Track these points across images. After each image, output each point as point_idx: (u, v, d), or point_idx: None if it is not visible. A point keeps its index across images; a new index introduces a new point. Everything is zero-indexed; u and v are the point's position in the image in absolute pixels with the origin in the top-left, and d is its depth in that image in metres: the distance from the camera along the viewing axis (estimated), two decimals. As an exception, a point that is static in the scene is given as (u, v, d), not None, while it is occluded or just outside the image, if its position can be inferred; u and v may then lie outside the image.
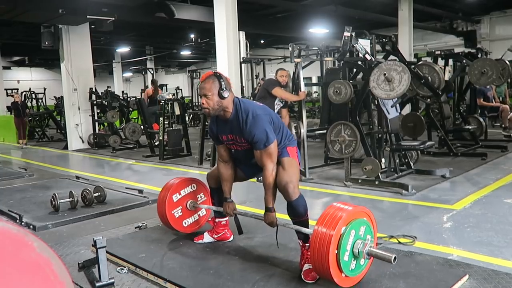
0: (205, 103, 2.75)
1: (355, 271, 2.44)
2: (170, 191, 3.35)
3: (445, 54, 7.85)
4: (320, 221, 2.39)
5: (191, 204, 3.45)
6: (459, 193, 4.77)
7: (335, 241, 2.30)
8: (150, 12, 9.35)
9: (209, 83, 2.74)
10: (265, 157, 2.73)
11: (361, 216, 2.48)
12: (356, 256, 2.41)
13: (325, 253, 2.29)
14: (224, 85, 2.73)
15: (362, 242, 2.40)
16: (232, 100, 2.80)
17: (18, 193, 5.46)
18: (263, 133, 2.70)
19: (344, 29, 5.20)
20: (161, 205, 3.39)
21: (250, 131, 2.72)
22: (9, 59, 20.61)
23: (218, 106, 2.75)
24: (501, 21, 14.86)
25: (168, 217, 3.37)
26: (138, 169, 7.81)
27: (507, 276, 2.64)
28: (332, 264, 2.31)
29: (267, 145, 2.70)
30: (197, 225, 3.58)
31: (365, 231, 2.45)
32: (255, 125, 2.71)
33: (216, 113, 2.81)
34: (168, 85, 19.58)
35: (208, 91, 2.72)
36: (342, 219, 2.33)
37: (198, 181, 3.55)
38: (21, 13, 8.76)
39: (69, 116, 10.70)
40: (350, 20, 11.88)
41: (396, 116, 5.79)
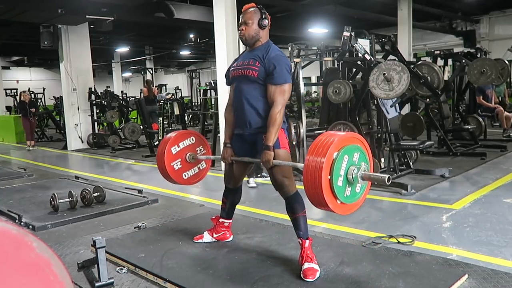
0: (244, 30, 2.84)
1: (350, 198, 2.35)
2: (168, 144, 3.28)
3: (444, 54, 7.86)
4: (312, 149, 2.30)
5: (190, 157, 3.37)
6: (458, 193, 4.78)
7: (327, 166, 2.21)
8: (150, 12, 9.34)
9: (251, 12, 2.84)
10: (278, 93, 2.73)
11: (354, 142, 2.38)
12: (351, 182, 2.32)
13: (318, 179, 2.21)
14: (264, 16, 2.84)
15: (356, 168, 2.31)
16: (268, 36, 2.90)
17: (18, 193, 5.46)
18: (285, 70, 2.75)
19: (344, 29, 5.21)
20: (160, 158, 3.31)
21: (272, 63, 2.75)
22: (8, 59, 20.60)
23: (256, 34, 2.83)
24: (501, 21, 14.87)
25: (168, 169, 3.30)
26: (138, 169, 7.80)
27: (506, 276, 2.64)
28: (326, 190, 2.22)
29: (285, 81, 2.73)
30: (197, 177, 3.50)
31: (359, 158, 2.36)
32: (280, 60, 2.75)
33: (251, 42, 2.87)
34: (168, 85, 19.58)
35: (249, 18, 2.82)
36: (333, 144, 2.25)
37: (197, 134, 3.51)
38: (20, 13, 8.75)
39: (69, 116, 10.70)
40: (349, 20, 11.87)
41: (396, 116, 5.79)
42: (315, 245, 2.94)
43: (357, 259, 2.95)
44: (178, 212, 4.42)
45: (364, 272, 2.74)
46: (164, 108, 8.73)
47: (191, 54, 20.89)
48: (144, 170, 7.67)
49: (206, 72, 24.38)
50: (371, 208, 4.42)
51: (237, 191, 3.25)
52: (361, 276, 2.68)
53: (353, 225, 3.78)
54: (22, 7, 8.32)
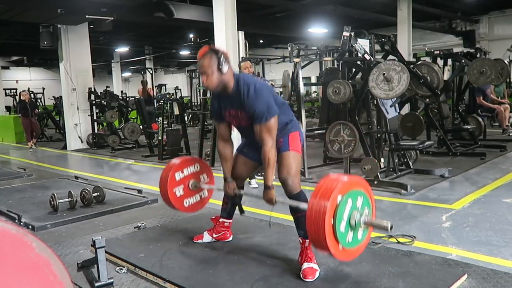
0: (206, 80, 2.68)
1: (352, 244, 2.35)
2: (173, 169, 3.27)
3: (444, 54, 7.86)
4: (315, 192, 2.30)
5: (193, 184, 3.35)
6: (458, 193, 4.78)
7: (331, 210, 2.22)
8: (149, 12, 9.34)
9: (207, 60, 2.65)
10: (265, 132, 2.66)
11: (358, 187, 2.39)
12: (353, 228, 2.32)
13: (321, 223, 2.21)
14: (222, 60, 2.65)
15: (359, 213, 2.32)
16: (232, 74, 2.74)
17: (17, 193, 5.46)
18: (264, 106, 2.64)
19: (343, 29, 5.20)
20: (163, 182, 3.30)
21: (251, 104, 2.66)
22: (7, 59, 20.58)
23: (219, 81, 2.68)
24: (500, 21, 14.88)
25: (170, 195, 3.28)
26: (137, 169, 7.80)
27: (506, 276, 2.65)
28: (329, 234, 2.22)
29: (268, 118, 2.64)
30: (198, 206, 3.48)
31: (362, 203, 2.37)
32: (256, 98, 2.65)
33: (218, 89, 2.74)
34: (167, 85, 19.56)
35: (207, 68, 2.65)
36: (338, 188, 2.25)
37: (202, 162, 3.50)
38: (20, 13, 8.75)
39: (68, 116, 10.69)
40: (349, 19, 11.87)
41: (395, 116, 5.79)
42: (315, 245, 2.94)
43: (357, 259, 2.92)
44: (177, 212, 4.41)
45: (364, 272, 2.74)
46: (164, 108, 8.71)
47: (190, 54, 20.84)
48: (143, 170, 7.67)
49: (206, 72, 24.33)
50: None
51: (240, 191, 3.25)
52: (361, 276, 2.69)
53: (353, 225, 3.78)
54: (21, 7, 8.32)
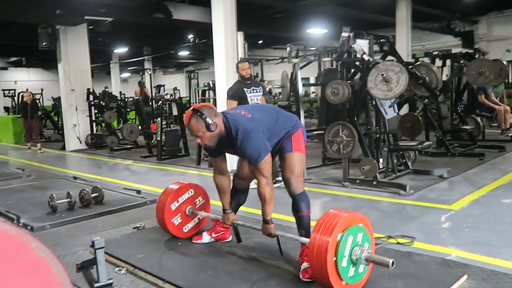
0: (202, 141, 2.73)
1: (354, 279, 2.43)
2: (168, 200, 3.35)
3: (442, 55, 7.87)
4: (316, 229, 2.38)
5: (190, 210, 3.46)
6: (457, 193, 4.78)
7: (332, 248, 2.30)
8: (148, 12, 9.32)
9: (194, 124, 2.68)
10: (257, 173, 2.74)
11: (357, 223, 2.46)
12: (355, 263, 2.40)
13: (323, 261, 2.28)
14: (209, 120, 2.65)
15: (360, 249, 2.40)
16: (221, 121, 2.74)
17: (16, 194, 5.45)
18: (254, 150, 2.68)
19: (342, 29, 5.21)
20: (160, 214, 3.40)
21: (242, 148, 2.71)
22: (6, 60, 20.55)
23: (213, 137, 2.72)
24: (499, 22, 14.89)
25: (168, 226, 3.39)
26: (136, 169, 7.80)
27: (505, 276, 2.65)
28: (331, 271, 2.30)
29: (259, 160, 2.69)
30: (197, 228, 3.57)
31: (362, 238, 2.45)
32: (247, 141, 2.68)
33: (216, 142, 2.76)
34: (166, 86, 19.56)
35: (197, 131, 2.69)
36: (338, 225, 2.33)
37: (195, 186, 3.54)
38: (19, 13, 8.73)
39: (67, 116, 10.67)
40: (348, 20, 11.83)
41: (394, 117, 5.79)
42: (315, 245, 2.94)
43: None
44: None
45: (363, 273, 2.74)
46: (163, 109, 8.71)
47: (189, 55, 20.87)
48: (142, 170, 7.66)
49: (205, 73, 24.35)
50: (370, 208, 4.42)
51: (245, 192, 3.28)
52: (360, 277, 2.68)
53: (352, 225, 3.78)
54: (20, 8, 8.30)
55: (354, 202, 4.68)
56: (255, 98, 5.26)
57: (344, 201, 4.82)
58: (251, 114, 2.82)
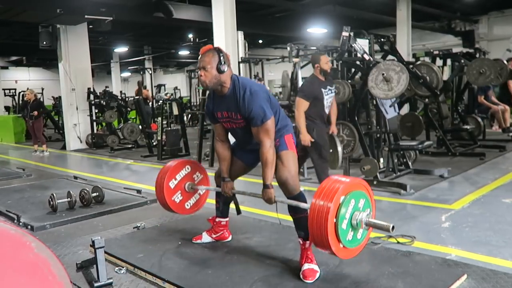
0: (203, 76, 2.71)
1: (352, 243, 2.37)
2: (166, 179, 3.29)
3: (443, 54, 7.86)
4: (319, 192, 2.33)
5: (189, 186, 3.40)
6: (457, 193, 4.78)
7: (334, 210, 2.25)
8: (148, 12, 9.33)
9: (208, 56, 2.70)
10: (262, 133, 2.70)
11: (360, 188, 2.41)
12: (354, 227, 2.35)
13: (324, 222, 2.24)
14: (223, 59, 2.70)
15: (360, 213, 2.35)
16: (230, 76, 2.77)
17: (16, 193, 5.45)
18: (260, 108, 2.67)
19: (343, 29, 5.20)
20: (160, 193, 3.33)
21: (247, 107, 2.69)
22: (7, 59, 20.54)
23: (216, 80, 2.71)
24: (499, 21, 14.87)
25: (170, 204, 3.33)
26: (137, 169, 7.80)
27: (505, 276, 2.64)
28: (331, 232, 2.25)
29: (264, 120, 2.67)
30: (198, 204, 3.53)
31: (364, 204, 2.40)
32: (252, 100, 2.68)
33: (213, 87, 2.76)
34: (167, 85, 19.55)
35: (207, 63, 2.69)
36: (341, 189, 2.29)
37: (191, 162, 3.51)
38: (19, 13, 8.74)
39: (67, 116, 10.68)
40: (348, 20, 11.86)
41: (395, 116, 5.79)
42: (315, 245, 2.93)
43: (356, 260, 2.93)
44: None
45: (363, 273, 2.74)
46: (163, 108, 8.71)
47: (190, 54, 20.86)
48: (143, 170, 7.66)
49: (205, 72, 24.33)
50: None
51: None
52: (360, 277, 2.69)
53: (352, 225, 3.78)
54: (21, 7, 8.31)
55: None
56: (329, 100, 4.53)
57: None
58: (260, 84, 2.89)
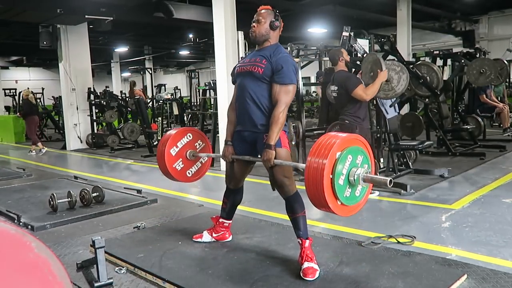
0: (255, 27, 2.89)
1: (350, 200, 2.32)
2: (167, 146, 3.28)
3: (443, 54, 7.86)
4: (315, 148, 2.27)
5: (190, 154, 3.39)
6: (457, 193, 4.78)
7: (329, 165, 2.19)
8: (149, 12, 9.33)
9: (266, 12, 2.92)
10: (283, 93, 2.75)
11: (357, 144, 2.37)
12: (352, 184, 2.30)
13: (320, 177, 2.18)
14: (277, 20, 2.90)
15: (358, 169, 2.30)
16: (277, 39, 2.95)
17: (16, 193, 5.45)
18: (291, 70, 2.77)
19: (343, 29, 5.20)
20: (161, 161, 3.31)
21: (279, 63, 2.78)
22: (7, 59, 20.55)
23: (266, 33, 2.88)
24: (500, 21, 14.88)
25: (171, 171, 3.32)
26: (137, 169, 7.80)
27: (505, 276, 2.65)
28: (327, 188, 2.19)
29: (290, 82, 2.76)
30: (200, 172, 3.51)
31: (362, 160, 2.35)
32: (286, 62, 2.79)
33: (260, 40, 2.91)
34: (167, 85, 19.55)
35: (262, 17, 2.89)
36: (337, 144, 2.24)
37: (193, 130, 3.50)
38: (19, 13, 8.73)
39: (68, 116, 10.68)
40: (348, 19, 11.86)
41: (395, 116, 5.79)
42: (315, 245, 2.94)
43: (357, 259, 2.94)
44: (177, 212, 4.41)
45: (364, 272, 2.74)
46: (163, 108, 8.71)
47: (190, 54, 20.88)
48: (143, 170, 7.66)
49: (205, 72, 24.36)
50: (370, 208, 4.41)
51: (239, 192, 3.24)
52: (360, 276, 2.69)
53: (353, 225, 3.78)
54: (21, 7, 8.30)
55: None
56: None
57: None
58: None
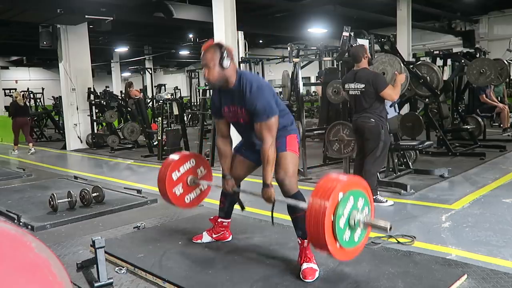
0: (207, 73, 2.68)
1: (348, 243, 2.33)
2: (169, 169, 3.24)
3: (443, 54, 7.85)
4: (317, 189, 2.29)
5: (191, 180, 3.34)
6: (457, 193, 4.78)
7: (332, 206, 2.20)
8: (149, 12, 9.34)
9: (210, 52, 2.66)
10: (265, 130, 2.65)
11: (359, 187, 2.38)
12: (352, 227, 2.30)
13: (321, 217, 2.18)
14: (225, 55, 2.65)
15: (359, 213, 2.31)
16: (235, 70, 2.74)
17: (16, 193, 5.45)
18: (265, 104, 2.64)
19: (343, 28, 5.20)
20: (161, 184, 3.28)
21: (253, 101, 2.65)
22: (7, 59, 20.59)
23: (220, 76, 2.68)
24: (500, 21, 14.88)
25: (170, 196, 3.27)
26: (137, 169, 7.80)
27: (505, 276, 2.65)
28: (328, 229, 2.19)
29: (269, 116, 2.64)
30: (199, 199, 3.48)
31: (363, 204, 2.36)
32: (258, 95, 2.64)
33: (219, 84, 2.73)
34: (167, 85, 19.56)
35: (209, 61, 2.65)
36: (340, 186, 2.26)
37: (196, 156, 3.47)
38: (19, 13, 8.74)
39: (68, 116, 10.68)
40: (348, 20, 11.87)
41: (395, 116, 5.78)
42: (315, 245, 2.93)
43: (356, 259, 2.92)
44: (177, 212, 4.41)
45: (363, 272, 2.74)
46: (163, 108, 8.71)
47: (190, 54, 20.86)
48: (143, 170, 7.66)
49: (205, 72, 24.34)
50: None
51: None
52: (360, 276, 2.69)
53: (353, 225, 3.78)
54: (21, 7, 8.31)
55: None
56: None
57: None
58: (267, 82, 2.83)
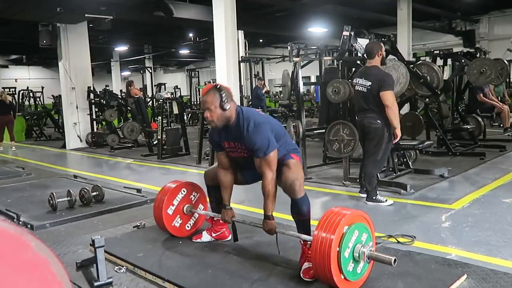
0: (209, 117, 2.78)
1: (352, 275, 2.42)
2: (163, 207, 3.35)
3: (444, 54, 7.85)
4: (321, 224, 2.39)
5: (187, 209, 3.47)
6: (457, 193, 4.77)
7: (337, 237, 2.30)
8: (149, 10, 9.33)
9: (210, 96, 2.76)
10: (265, 166, 2.75)
11: (362, 221, 2.49)
12: (356, 260, 2.40)
13: (327, 248, 2.28)
14: (225, 97, 2.75)
15: (363, 246, 2.41)
16: (235, 109, 2.84)
17: (16, 192, 5.45)
18: (264, 141, 2.73)
19: (343, 28, 5.20)
20: (159, 222, 3.42)
21: (251, 139, 2.75)
22: (6, 58, 20.57)
23: (223, 117, 2.78)
24: (500, 21, 14.89)
25: (170, 230, 3.41)
26: (136, 168, 7.79)
27: (505, 276, 2.64)
28: (333, 260, 2.29)
29: (267, 153, 2.73)
30: (198, 224, 3.59)
31: (366, 238, 2.47)
32: (256, 133, 2.74)
33: (221, 124, 2.83)
34: (167, 84, 19.56)
35: (210, 104, 2.75)
36: (345, 219, 2.36)
37: (186, 184, 3.52)
38: (19, 11, 8.73)
39: (67, 115, 10.68)
40: (349, 19, 11.85)
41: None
42: (315, 244, 2.93)
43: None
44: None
45: (363, 272, 2.74)
46: (163, 107, 8.71)
47: (190, 53, 20.88)
48: (143, 169, 7.66)
49: (205, 71, 24.37)
50: (370, 208, 4.41)
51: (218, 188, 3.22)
52: (360, 276, 2.68)
53: (352, 224, 3.78)
54: (20, 6, 8.30)
55: (355, 201, 4.68)
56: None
57: (345, 200, 4.82)
58: (264, 114, 2.94)
